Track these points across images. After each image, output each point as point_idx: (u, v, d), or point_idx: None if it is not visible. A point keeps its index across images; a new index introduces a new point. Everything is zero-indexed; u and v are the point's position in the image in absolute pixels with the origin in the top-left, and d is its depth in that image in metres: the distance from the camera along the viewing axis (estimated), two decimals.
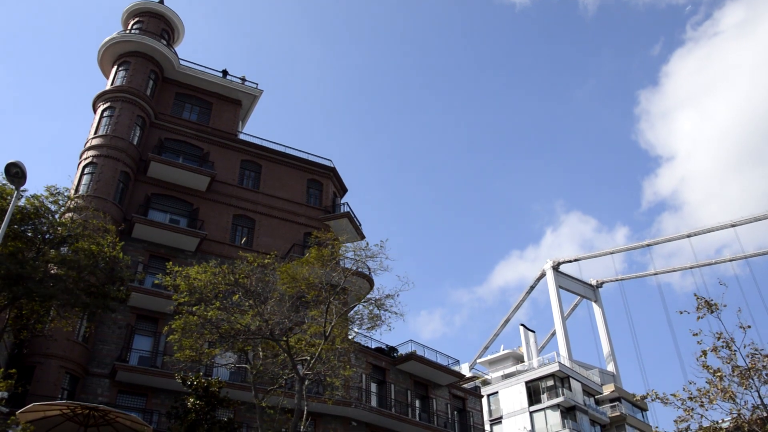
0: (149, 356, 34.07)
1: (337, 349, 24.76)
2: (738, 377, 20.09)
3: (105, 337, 33.66)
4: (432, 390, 45.62)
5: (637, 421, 66.91)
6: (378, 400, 41.23)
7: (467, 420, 47.47)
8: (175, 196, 40.36)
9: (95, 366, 32.68)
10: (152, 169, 39.52)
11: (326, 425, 36.16)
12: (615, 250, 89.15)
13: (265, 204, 43.20)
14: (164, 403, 32.08)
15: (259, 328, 22.31)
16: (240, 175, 43.80)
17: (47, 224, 23.59)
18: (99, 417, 23.02)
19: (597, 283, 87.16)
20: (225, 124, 45.44)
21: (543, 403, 57.15)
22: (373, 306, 23.60)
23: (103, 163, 37.53)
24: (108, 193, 36.48)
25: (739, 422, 20.21)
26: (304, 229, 43.05)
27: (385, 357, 43.24)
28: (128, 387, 32.82)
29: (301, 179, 45.94)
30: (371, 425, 39.53)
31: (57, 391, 29.93)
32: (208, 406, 24.87)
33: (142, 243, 37.26)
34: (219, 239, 39.93)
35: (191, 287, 22.49)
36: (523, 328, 71.81)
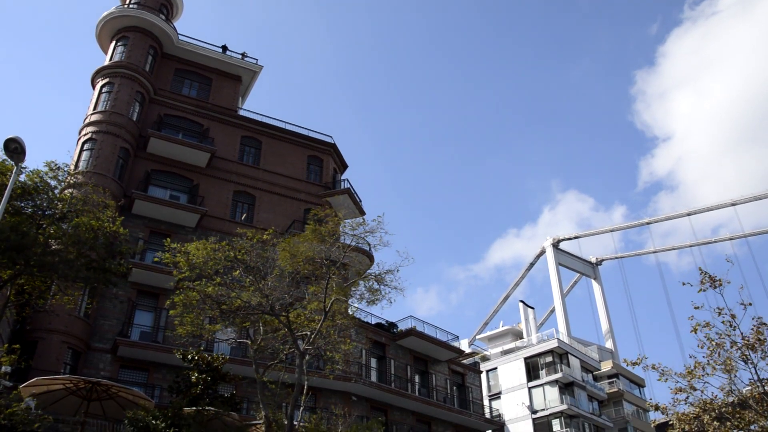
0: (150, 331, 34.29)
1: (338, 324, 24.88)
2: (739, 350, 20.18)
3: (106, 313, 33.83)
4: (431, 365, 45.98)
5: (635, 397, 67.51)
6: (378, 375, 41.57)
7: (466, 395, 47.90)
8: (174, 172, 40.29)
9: (97, 341, 32.90)
10: (152, 145, 39.41)
11: (327, 400, 36.49)
12: (615, 228, 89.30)
13: (265, 180, 43.14)
14: (166, 377, 32.34)
15: (260, 304, 22.40)
16: (240, 152, 43.70)
17: (47, 200, 23.55)
18: (101, 391, 23.25)
19: (597, 261, 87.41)
20: (225, 100, 45.23)
21: (541, 379, 57.58)
22: (374, 281, 23.67)
23: (103, 139, 37.42)
24: (108, 169, 36.41)
25: (737, 396, 20.36)
26: (304, 205, 43.05)
27: (384, 332, 43.51)
28: (130, 362, 33.07)
29: (302, 155, 45.84)
30: (371, 400, 39.90)
31: (59, 366, 30.16)
32: (210, 381, 25.07)
33: (143, 219, 37.31)
34: (219, 215, 39.95)
35: (191, 264, 22.53)
36: (523, 304, 72.13)
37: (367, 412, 38.99)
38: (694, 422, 20.70)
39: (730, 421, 20.64)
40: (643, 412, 67.28)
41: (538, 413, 55.82)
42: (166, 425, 20.79)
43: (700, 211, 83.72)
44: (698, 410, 20.58)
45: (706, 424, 20.46)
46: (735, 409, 20.84)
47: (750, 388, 20.71)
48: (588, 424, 57.29)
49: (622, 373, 67.55)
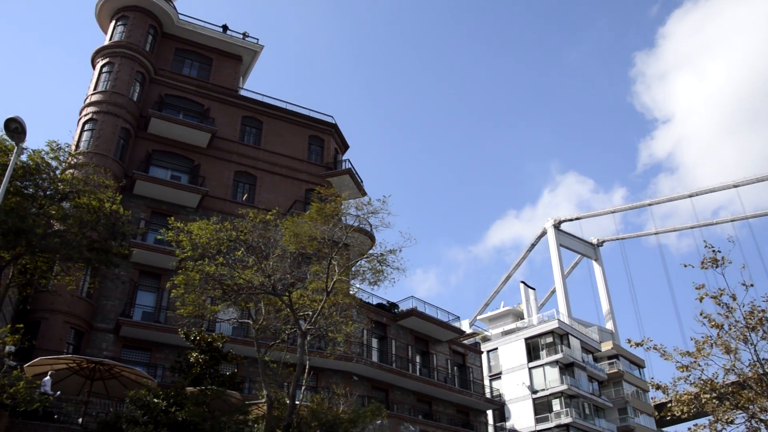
0: (152, 312, 34.40)
1: (339, 304, 24.92)
2: (740, 330, 20.21)
3: (108, 293, 33.94)
4: (432, 346, 46.17)
5: (635, 377, 67.83)
6: (379, 355, 41.77)
7: (467, 375, 48.16)
8: (175, 152, 40.20)
9: (99, 321, 33.02)
10: (152, 126, 39.28)
11: (328, 379, 36.70)
12: (616, 209, 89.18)
13: (266, 160, 43.04)
14: (168, 357, 32.50)
15: (262, 284, 22.42)
16: (241, 132, 43.55)
17: (48, 180, 23.51)
18: (104, 371, 23.39)
19: (598, 242, 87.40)
20: (225, 80, 44.99)
21: (542, 359, 57.82)
22: (376, 261, 23.65)
23: (103, 119, 37.29)
24: (109, 150, 36.33)
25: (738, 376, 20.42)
26: (305, 185, 42.99)
27: (386, 313, 43.65)
28: (132, 342, 33.22)
29: (303, 135, 45.68)
30: (372, 380, 40.13)
31: (62, 346, 30.31)
32: (212, 361, 25.19)
33: (144, 199, 37.29)
34: (220, 196, 39.91)
35: (193, 243, 22.53)
36: (524, 285, 72.24)
37: (369, 392, 39.24)
38: (693, 403, 20.78)
39: (729, 401, 20.73)
40: (643, 392, 67.66)
41: (539, 393, 56.13)
42: (168, 404, 20.92)
43: (701, 193, 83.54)
44: (698, 390, 20.66)
45: (705, 403, 20.55)
46: (734, 388, 20.92)
47: (750, 369, 20.77)
48: (588, 404, 57.63)
49: (622, 354, 67.82)
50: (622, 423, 61.78)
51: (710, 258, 20.82)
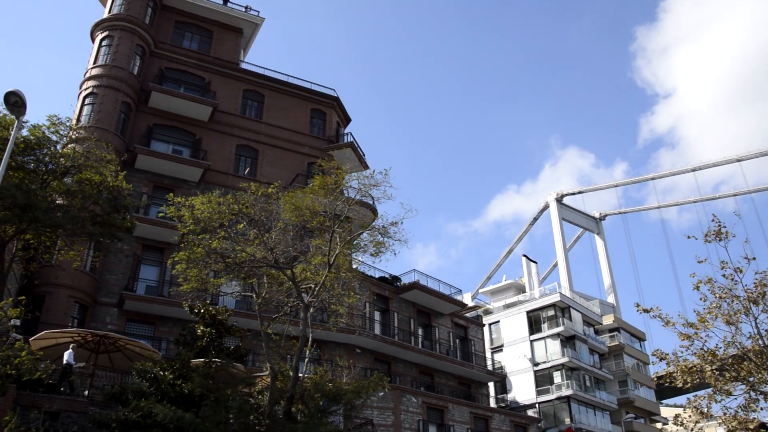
0: (156, 285, 34.56)
1: (342, 277, 24.99)
2: (741, 303, 20.25)
3: (112, 267, 34.07)
4: (434, 319, 46.44)
5: (635, 350, 68.21)
6: (381, 328, 42.04)
7: (469, 348, 48.49)
8: (177, 126, 40.06)
9: (103, 295, 33.19)
10: (153, 99, 39.09)
11: (331, 352, 36.97)
12: (619, 183, 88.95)
13: (268, 134, 42.89)
14: (172, 330, 32.73)
15: (264, 257, 22.47)
16: (242, 105, 43.34)
17: (49, 155, 23.46)
18: (109, 344, 23.57)
19: (600, 216, 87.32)
20: (226, 53, 44.64)
21: (543, 332, 58.11)
22: (378, 234, 23.66)
23: (104, 93, 37.10)
24: (109, 124, 36.20)
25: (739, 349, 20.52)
26: (307, 159, 42.89)
27: (388, 286, 43.84)
28: (136, 315, 33.43)
29: (304, 109, 45.46)
30: (375, 352, 40.45)
31: (67, 320, 30.50)
32: (216, 334, 25.35)
33: (146, 174, 37.24)
34: (222, 169, 39.85)
35: (195, 218, 22.54)
36: (526, 258, 72.38)
37: (371, 364, 39.56)
38: (695, 373, 20.90)
39: (729, 372, 20.84)
40: (643, 365, 68.11)
41: (540, 366, 56.51)
42: (174, 377, 21.11)
43: (705, 167, 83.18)
44: (700, 361, 20.76)
45: (707, 376, 20.67)
46: (735, 360, 21.03)
47: (751, 341, 20.86)
48: (589, 376, 58.04)
49: (623, 327, 68.12)
50: (623, 395, 62.29)
51: (714, 231, 20.79)
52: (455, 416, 38.96)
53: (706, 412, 21.22)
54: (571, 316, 59.38)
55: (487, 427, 41.08)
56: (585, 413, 54.85)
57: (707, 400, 21.24)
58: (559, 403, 54.11)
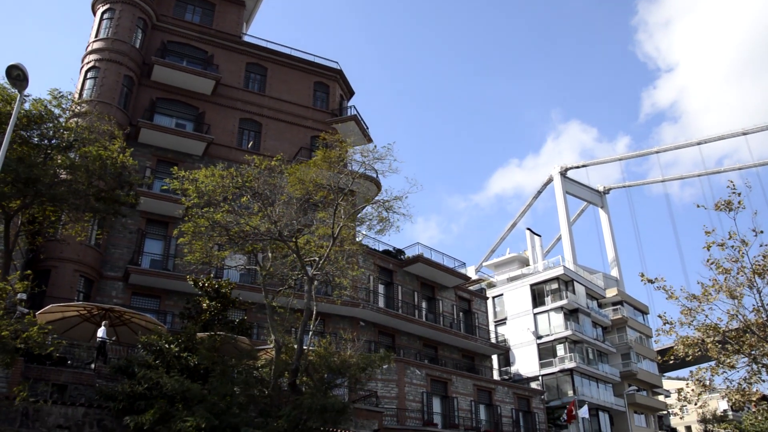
0: (161, 259, 34.71)
1: (346, 250, 25.04)
2: (746, 275, 20.24)
3: (117, 242, 34.19)
4: (438, 292, 46.61)
5: (638, 323, 68.48)
6: (385, 301, 42.22)
7: (472, 321, 48.74)
8: (180, 100, 39.90)
9: (108, 269, 33.36)
10: (156, 73, 38.88)
11: (335, 325, 37.20)
12: (623, 157, 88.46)
13: (271, 107, 42.72)
14: (177, 304, 32.92)
15: (268, 230, 22.50)
16: (245, 79, 43.09)
17: (53, 129, 23.42)
18: (115, 317, 23.75)
19: (604, 189, 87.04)
20: (229, 26, 44.26)
21: (547, 305, 58.29)
22: (382, 208, 23.65)
23: (106, 67, 36.90)
24: (112, 98, 36.06)
25: (741, 322, 20.56)
26: (311, 132, 42.75)
27: (392, 259, 43.94)
28: (141, 289, 33.62)
29: (308, 82, 45.20)
30: (379, 325, 40.68)
31: (73, 294, 30.67)
32: (221, 307, 25.50)
33: (149, 148, 37.20)
34: (226, 143, 39.77)
35: (199, 191, 22.53)
36: (529, 232, 72.33)
37: (375, 337, 39.83)
38: (697, 346, 20.98)
39: (732, 345, 20.91)
40: (646, 338, 68.42)
41: (543, 339, 56.78)
42: (179, 349, 21.27)
43: (710, 140, 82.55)
44: (702, 334, 20.83)
45: (709, 348, 20.75)
46: (738, 333, 21.08)
47: (754, 315, 20.90)
48: (591, 349, 58.34)
49: (626, 300, 68.29)
50: (625, 368, 62.67)
51: (725, 201, 20.63)
52: (459, 388, 39.30)
53: (709, 384, 21.34)
54: (574, 290, 59.53)
55: (491, 399, 41.45)
56: (588, 386, 55.25)
57: (709, 373, 21.35)
58: (562, 376, 54.48)
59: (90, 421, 19.59)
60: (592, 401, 53.81)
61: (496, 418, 40.77)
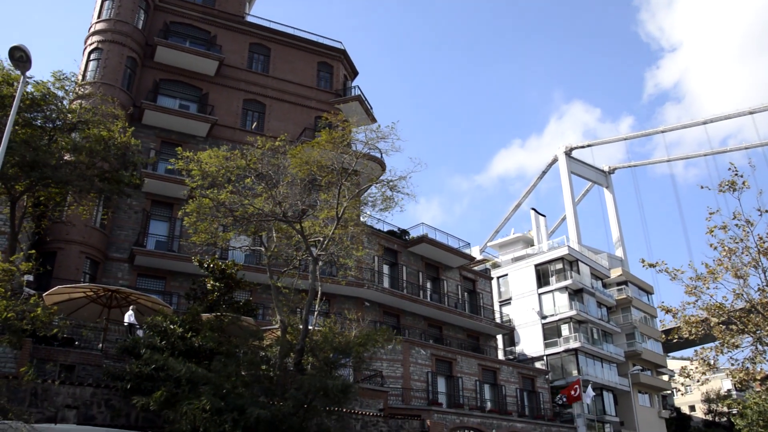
0: (166, 241, 34.81)
1: (350, 231, 25.05)
2: (751, 255, 20.18)
3: (122, 223, 34.30)
4: (443, 272, 46.70)
5: (643, 303, 68.51)
6: (390, 281, 42.33)
7: (477, 301, 48.87)
8: (183, 81, 39.79)
9: (114, 251, 33.49)
10: (159, 54, 38.73)
11: (340, 305, 37.35)
12: (629, 136, 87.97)
13: (275, 88, 42.57)
14: (182, 285, 33.07)
15: (272, 211, 22.51)
16: (249, 59, 42.91)
17: (56, 111, 23.37)
18: (121, 298, 23.87)
19: (609, 169, 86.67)
20: (231, 6, 43.98)
21: (551, 285, 58.33)
22: (386, 188, 23.61)
23: (109, 48, 36.76)
24: (115, 80, 35.97)
25: (747, 302, 20.54)
26: (314, 113, 42.62)
27: (396, 240, 43.98)
28: (147, 270, 33.77)
29: (311, 62, 44.98)
30: (384, 305, 40.84)
31: (79, 276, 30.84)
32: (226, 288, 25.59)
33: (153, 129, 37.18)
34: (230, 124, 39.71)
35: (203, 172, 22.53)
36: (534, 212, 72.20)
37: (380, 318, 39.98)
38: (701, 325, 20.99)
39: (736, 325, 20.92)
40: (651, 318, 68.47)
41: (548, 318, 56.89)
42: (185, 330, 21.38)
43: (716, 119, 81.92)
44: (706, 314, 20.82)
45: (713, 327, 20.75)
46: (742, 313, 21.08)
47: (759, 294, 20.88)
48: (596, 329, 58.45)
49: (631, 280, 68.26)
50: (630, 348, 62.80)
51: (728, 181, 20.53)
52: (464, 368, 39.50)
53: (713, 363, 21.38)
54: (579, 270, 59.54)
55: (495, 379, 41.66)
56: (592, 365, 55.44)
57: (714, 352, 21.38)
58: (567, 356, 54.67)
59: (98, 401, 19.77)
60: (597, 381, 54.03)
61: (501, 398, 41.01)
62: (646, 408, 62.43)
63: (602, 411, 54.27)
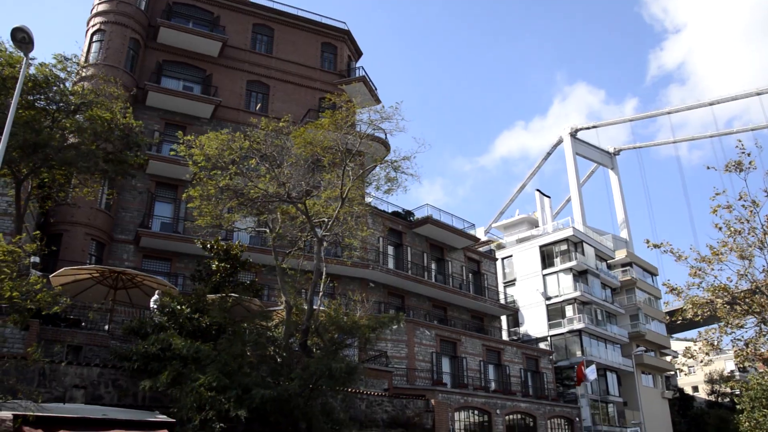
0: (171, 222, 34.89)
1: (354, 211, 25.04)
2: (757, 236, 20.11)
3: (127, 205, 34.36)
4: (447, 253, 46.74)
5: (647, 285, 68.53)
6: (395, 262, 42.41)
7: (482, 282, 48.95)
8: (187, 62, 39.63)
9: (119, 233, 33.59)
10: (162, 35, 38.55)
11: (345, 286, 37.45)
12: (634, 118, 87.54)
13: (278, 69, 42.39)
14: (188, 266, 33.20)
15: (276, 192, 22.50)
16: (252, 40, 42.69)
17: (59, 93, 23.32)
18: (127, 280, 23.94)
19: (615, 151, 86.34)
20: None
21: (556, 266, 58.36)
22: (390, 168, 23.56)
23: (111, 30, 36.59)
24: (119, 61, 35.84)
25: (752, 282, 20.51)
26: (319, 93, 42.46)
27: (401, 221, 43.99)
28: (152, 252, 33.88)
29: (315, 43, 44.74)
30: (388, 286, 40.93)
31: (85, 258, 30.96)
32: (231, 269, 25.67)
33: (157, 111, 37.11)
34: (233, 106, 39.61)
35: (206, 155, 22.48)
36: (539, 193, 72.04)
37: (385, 298, 40.10)
38: (706, 306, 20.99)
39: (740, 306, 20.90)
40: (655, 299, 68.55)
41: (552, 300, 56.99)
42: (191, 311, 21.48)
43: (722, 101, 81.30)
44: (711, 295, 20.81)
45: (718, 308, 20.75)
46: (746, 294, 21.05)
47: (764, 275, 20.84)
48: (600, 310, 58.56)
49: (635, 261, 68.25)
50: (634, 329, 62.95)
51: (735, 161, 20.40)
52: (468, 349, 39.65)
53: (716, 344, 21.41)
54: (583, 251, 59.53)
55: (500, 359, 41.83)
56: (596, 346, 55.62)
57: (718, 333, 21.40)
58: (571, 337, 54.83)
59: (105, 381, 19.93)
60: (600, 362, 54.22)
61: (505, 378, 41.19)
62: (649, 389, 62.71)
63: (605, 391, 54.54)
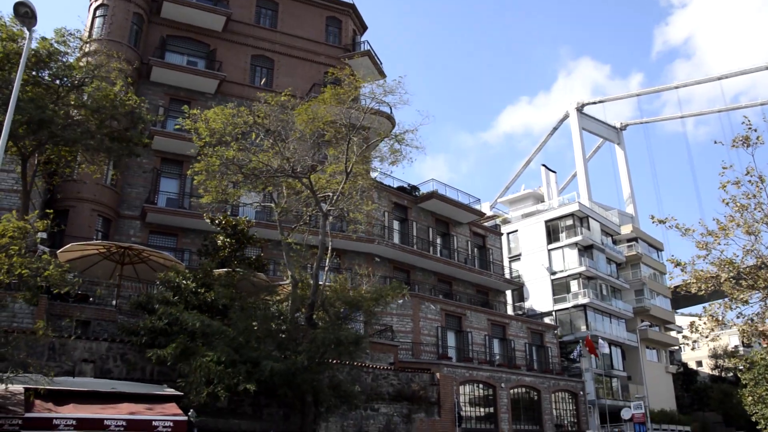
0: (177, 198, 34.96)
1: (359, 185, 25.03)
2: (764, 210, 20.01)
3: (132, 181, 34.42)
4: (453, 228, 46.79)
5: (653, 260, 68.48)
6: (400, 237, 42.48)
7: (487, 257, 49.04)
8: (191, 37, 39.38)
9: (125, 209, 33.69)
10: (165, 10, 38.26)
11: (351, 261, 37.58)
12: (641, 93, 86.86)
13: (283, 43, 42.10)
14: (194, 242, 33.33)
15: (281, 167, 22.50)
16: (256, 14, 42.36)
17: (62, 68, 23.23)
18: (134, 255, 24.09)
19: (621, 126, 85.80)
20: None
21: (561, 241, 58.32)
22: (394, 141, 23.49)
23: (115, 4, 36.33)
24: (122, 36, 35.65)
25: (758, 258, 20.46)
26: (323, 68, 42.17)
27: (407, 195, 43.99)
28: (158, 228, 34.00)
29: (320, 17, 44.37)
30: (394, 261, 41.04)
31: (92, 233, 31.11)
32: (237, 244, 25.79)
33: (162, 86, 36.96)
34: (238, 80, 39.42)
35: (210, 130, 22.45)
36: (545, 168, 71.77)
37: (390, 273, 40.24)
38: (711, 281, 20.94)
39: (746, 281, 20.86)
40: (660, 275, 68.53)
41: (557, 274, 57.05)
42: (197, 286, 21.64)
43: (731, 75, 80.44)
44: (717, 269, 20.75)
45: (723, 283, 20.71)
46: (752, 269, 20.99)
47: None
48: (605, 285, 58.64)
49: (641, 237, 68.12)
50: (638, 304, 63.04)
51: (743, 136, 20.21)
52: (473, 323, 39.87)
53: (722, 319, 21.41)
54: (589, 226, 59.44)
55: (504, 333, 42.06)
56: (601, 321, 55.79)
57: (723, 308, 21.38)
58: (576, 311, 54.99)
59: (113, 355, 20.18)
60: (605, 336, 54.43)
61: (510, 352, 41.46)
62: (653, 363, 62.99)
63: (610, 366, 54.81)
